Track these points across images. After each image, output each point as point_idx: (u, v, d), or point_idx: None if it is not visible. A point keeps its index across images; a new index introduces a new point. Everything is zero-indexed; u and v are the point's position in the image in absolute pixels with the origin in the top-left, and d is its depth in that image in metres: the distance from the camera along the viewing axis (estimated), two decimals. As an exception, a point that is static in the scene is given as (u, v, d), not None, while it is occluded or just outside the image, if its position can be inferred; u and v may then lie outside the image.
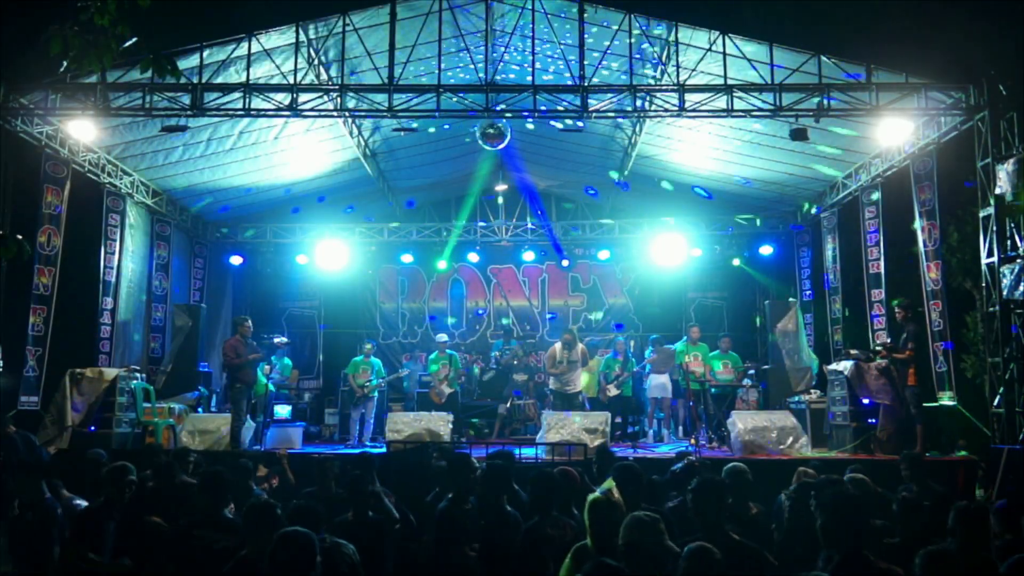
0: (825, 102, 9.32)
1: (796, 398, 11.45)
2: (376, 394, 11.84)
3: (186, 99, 9.38)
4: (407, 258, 15.41)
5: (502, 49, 10.49)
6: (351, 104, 9.81)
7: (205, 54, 9.38)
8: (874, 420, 9.84)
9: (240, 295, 15.56)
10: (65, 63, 4.00)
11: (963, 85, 9.22)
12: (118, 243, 11.70)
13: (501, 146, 10.96)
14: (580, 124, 11.03)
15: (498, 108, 9.78)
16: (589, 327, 15.57)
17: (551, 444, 9.03)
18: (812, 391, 11.52)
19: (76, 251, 10.80)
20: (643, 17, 9.60)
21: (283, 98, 9.67)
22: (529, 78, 10.01)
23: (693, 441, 10.52)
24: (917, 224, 10.30)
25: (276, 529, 3.86)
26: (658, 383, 11.69)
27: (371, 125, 12.22)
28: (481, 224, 15.39)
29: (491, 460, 5.24)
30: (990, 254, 8.99)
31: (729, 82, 9.42)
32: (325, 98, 9.73)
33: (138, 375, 10.76)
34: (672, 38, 9.75)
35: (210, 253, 15.02)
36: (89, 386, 9.82)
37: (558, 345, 11.17)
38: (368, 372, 11.77)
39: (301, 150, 12.23)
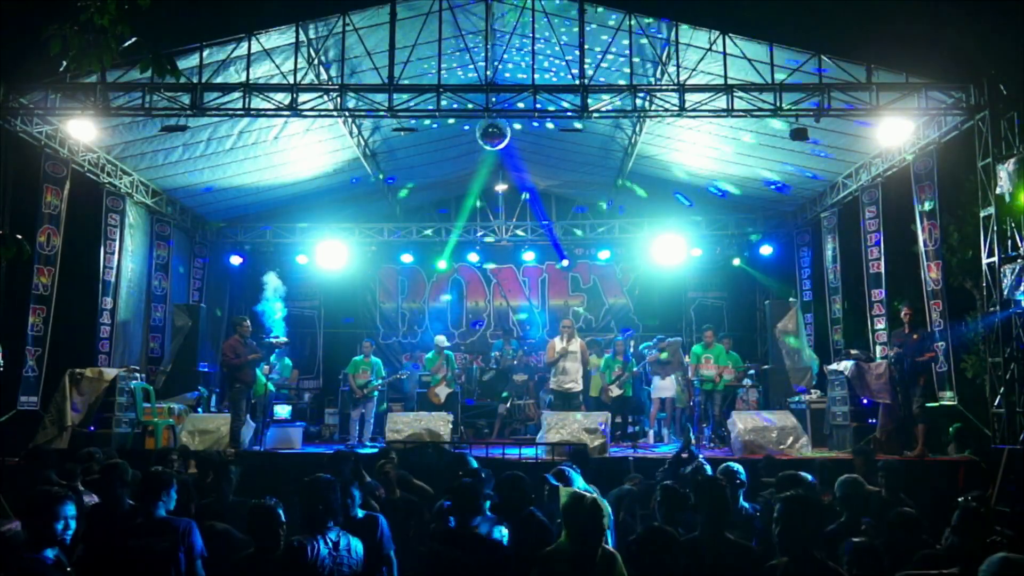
0: (825, 102, 9.32)
1: (796, 398, 11.45)
2: (376, 394, 11.83)
3: (186, 99, 9.37)
4: (407, 258, 15.42)
5: (502, 49, 10.49)
6: (351, 104, 9.80)
7: (205, 54, 9.38)
8: (874, 420, 9.85)
9: (240, 295, 15.55)
10: (65, 63, 3.99)
11: (963, 85, 9.21)
12: (118, 243, 11.69)
13: (501, 146, 10.95)
14: (577, 125, 11.00)
15: (498, 108, 9.77)
16: (589, 327, 15.58)
17: (551, 444, 9.03)
18: (812, 391, 11.52)
19: (76, 251, 10.79)
20: (643, 17, 9.60)
21: (283, 98, 9.66)
22: (523, 76, 10.00)
23: (693, 441, 10.50)
24: (917, 224, 10.29)
25: (280, 529, 3.91)
26: (662, 384, 11.67)
27: (371, 125, 12.22)
28: (481, 224, 15.40)
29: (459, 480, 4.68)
30: (990, 254, 8.99)
31: (729, 82, 9.42)
32: (325, 98, 9.72)
33: (138, 375, 10.75)
34: (672, 38, 9.75)
35: (210, 253, 15.01)
36: (89, 386, 9.81)
37: (556, 337, 11.20)
38: (368, 372, 11.76)
39: (301, 150, 12.22)
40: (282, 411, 12.24)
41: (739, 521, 4.92)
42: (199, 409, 11.49)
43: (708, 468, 5.83)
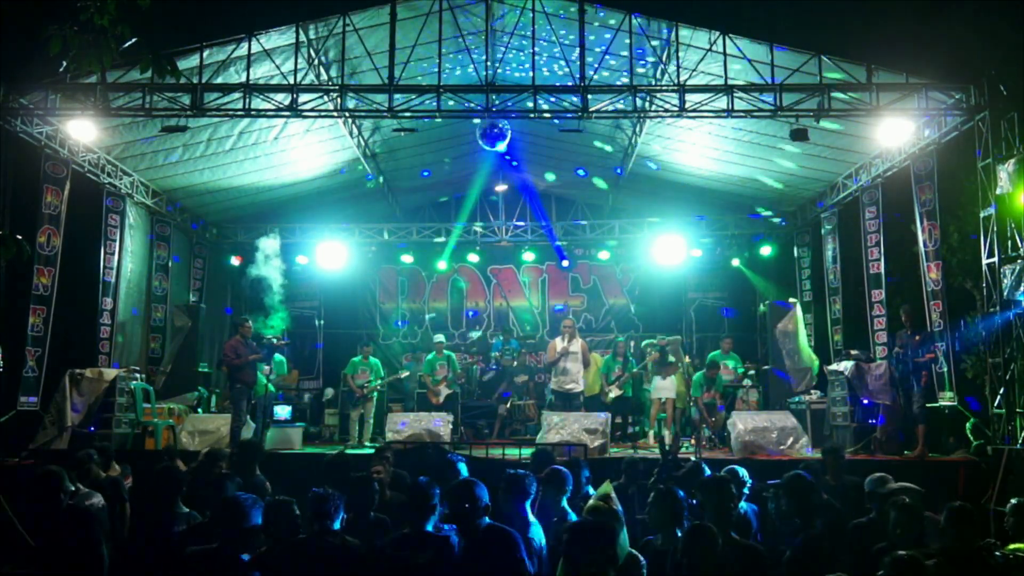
0: (825, 102, 9.32)
1: (796, 398, 11.45)
2: (375, 395, 11.82)
3: (186, 99, 9.37)
4: (407, 258, 15.42)
5: (502, 49, 10.49)
6: (351, 104, 9.81)
7: (205, 54, 9.37)
8: (874, 420, 9.85)
9: (240, 295, 15.54)
10: (65, 63, 3.99)
11: (963, 85, 9.21)
12: (118, 243, 11.69)
13: (501, 146, 10.95)
14: (563, 123, 10.98)
15: (498, 108, 9.77)
16: (589, 327, 15.58)
17: (551, 444, 9.02)
18: (812, 391, 11.53)
19: (76, 251, 10.78)
20: (643, 17, 9.60)
21: (283, 98, 9.66)
22: (519, 75, 9.99)
23: (693, 441, 10.53)
24: (917, 224, 10.29)
25: (295, 526, 3.95)
26: (663, 384, 11.68)
27: (371, 125, 12.22)
28: (481, 224, 15.40)
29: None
30: (990, 254, 8.99)
31: (729, 82, 9.42)
32: (325, 98, 9.72)
33: (138, 375, 10.75)
34: (672, 38, 9.75)
35: (210, 253, 15.02)
36: (89, 386, 9.80)
37: (558, 338, 11.21)
38: (367, 373, 11.75)
39: (301, 150, 12.22)
40: (282, 411, 12.21)
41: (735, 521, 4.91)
42: (199, 409, 11.49)
43: (707, 469, 5.80)
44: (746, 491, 5.33)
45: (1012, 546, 4.23)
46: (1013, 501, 4.85)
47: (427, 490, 4.12)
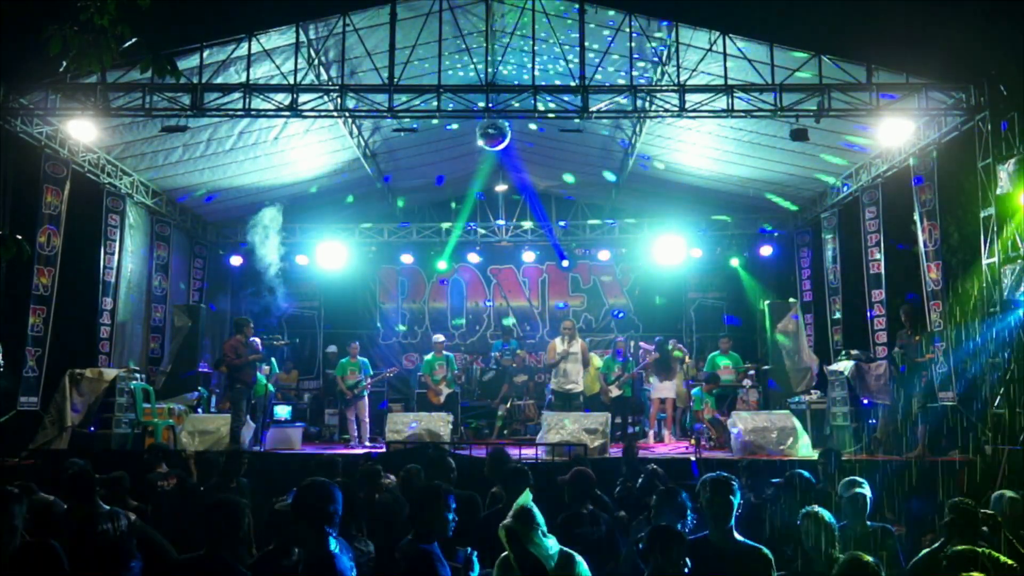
0: (825, 102, 9.32)
1: (796, 398, 11.46)
2: (366, 393, 11.81)
3: (186, 99, 9.37)
4: (407, 258, 15.42)
5: (502, 49, 10.49)
6: (351, 104, 9.81)
7: (205, 54, 9.38)
8: (874, 421, 9.85)
9: (240, 295, 15.54)
10: (65, 63, 3.99)
11: (964, 85, 9.22)
12: (118, 243, 11.69)
13: (501, 146, 10.94)
14: (573, 122, 10.98)
15: (498, 108, 9.77)
16: (589, 327, 15.59)
17: (551, 444, 9.02)
18: (812, 391, 11.53)
19: (76, 251, 10.78)
20: (643, 17, 9.60)
21: (283, 98, 9.66)
22: (527, 77, 10.00)
23: (693, 442, 10.53)
24: (917, 224, 10.29)
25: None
26: (662, 384, 11.68)
27: (371, 125, 12.22)
28: (481, 224, 15.40)
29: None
30: (990, 254, 8.99)
31: (729, 82, 9.42)
32: (325, 98, 9.73)
33: (138, 375, 10.74)
34: (672, 38, 9.75)
35: (210, 253, 15.02)
36: (89, 386, 9.80)
37: (557, 339, 11.21)
38: (356, 372, 11.74)
39: (301, 150, 12.22)
40: (282, 411, 12.22)
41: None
42: (199, 409, 11.49)
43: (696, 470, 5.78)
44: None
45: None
46: (994, 496, 4.83)
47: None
